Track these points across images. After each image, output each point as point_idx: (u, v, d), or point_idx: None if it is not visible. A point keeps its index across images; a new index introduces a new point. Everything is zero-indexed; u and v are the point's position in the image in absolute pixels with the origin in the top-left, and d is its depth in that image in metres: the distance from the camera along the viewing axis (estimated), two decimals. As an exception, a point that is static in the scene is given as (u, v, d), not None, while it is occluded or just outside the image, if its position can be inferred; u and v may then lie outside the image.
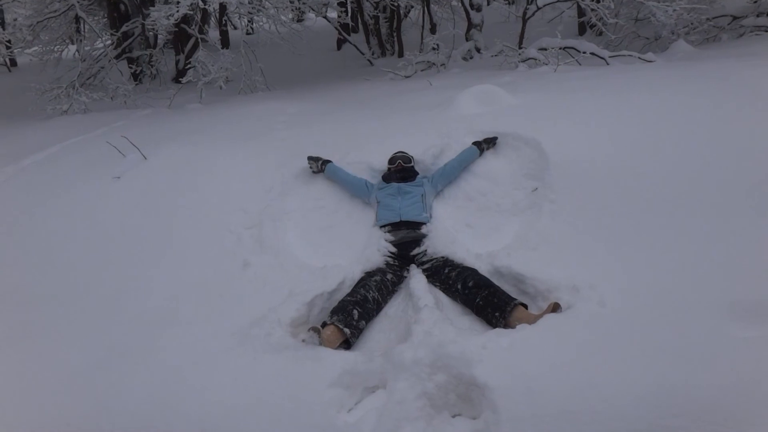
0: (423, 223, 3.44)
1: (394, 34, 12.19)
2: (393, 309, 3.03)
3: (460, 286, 2.90)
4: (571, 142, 3.65)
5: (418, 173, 3.84)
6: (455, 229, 3.45)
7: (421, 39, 11.43)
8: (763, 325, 2.16)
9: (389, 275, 3.13)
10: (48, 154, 5.49)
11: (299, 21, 16.81)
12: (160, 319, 2.90)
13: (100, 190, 4.23)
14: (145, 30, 10.24)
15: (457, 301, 2.96)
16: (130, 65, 10.88)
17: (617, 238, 2.92)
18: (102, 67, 10.16)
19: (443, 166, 3.82)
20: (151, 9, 7.53)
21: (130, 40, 10.74)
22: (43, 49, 10.85)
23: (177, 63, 11.18)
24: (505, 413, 2.02)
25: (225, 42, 14.25)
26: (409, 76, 8.23)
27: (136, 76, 11.04)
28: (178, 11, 7.06)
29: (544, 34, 8.35)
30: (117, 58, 10.38)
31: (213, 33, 14.67)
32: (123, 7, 10.59)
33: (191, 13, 7.93)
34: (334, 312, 2.79)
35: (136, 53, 11.03)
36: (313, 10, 11.86)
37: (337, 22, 12.41)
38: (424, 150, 4.03)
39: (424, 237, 3.37)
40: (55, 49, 11.01)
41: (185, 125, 5.86)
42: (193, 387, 2.38)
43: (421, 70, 8.54)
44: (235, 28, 18.41)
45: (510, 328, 2.51)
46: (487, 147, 3.95)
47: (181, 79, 8.79)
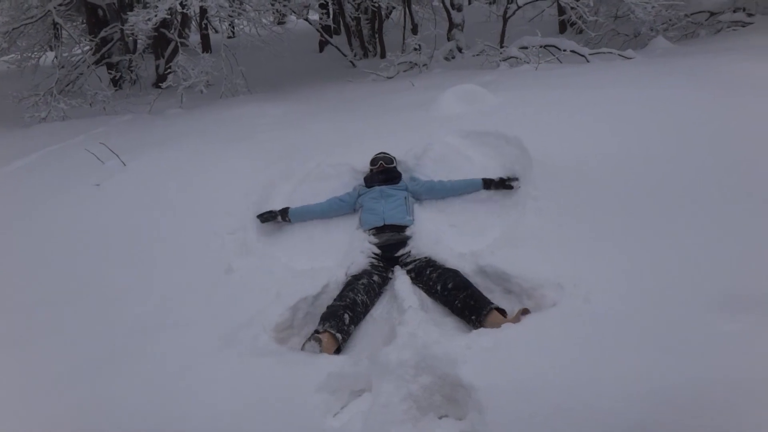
0: (407, 226, 3.44)
1: (376, 35, 12.17)
2: (378, 311, 3.01)
3: (440, 288, 2.90)
4: (553, 139, 3.65)
5: (401, 174, 3.83)
6: (439, 230, 3.44)
7: (403, 40, 11.43)
8: (749, 318, 2.17)
9: (375, 277, 3.12)
10: (27, 162, 5.42)
11: (281, 23, 16.75)
12: (146, 325, 2.88)
13: (81, 198, 4.17)
14: (124, 35, 10.12)
15: (438, 302, 2.96)
16: (110, 71, 10.75)
17: (601, 234, 2.92)
18: (81, 74, 10.03)
19: (433, 182, 3.69)
20: (129, 14, 7.44)
21: (109, 46, 10.62)
22: (21, 56, 10.69)
23: (157, 68, 11.07)
24: (491, 413, 2.02)
25: (206, 46, 14.17)
26: (391, 77, 8.22)
27: (115, 82, 10.92)
28: (156, 16, 6.98)
29: (525, 32, 8.40)
30: (96, 63, 10.26)
31: (194, 37, 14.58)
32: (101, 13, 10.46)
33: (170, 17, 7.85)
34: (326, 318, 2.75)
35: (115, 59, 10.90)
36: (294, 13, 11.81)
37: (319, 24, 12.36)
38: (406, 151, 4.02)
39: (408, 239, 3.36)
40: (33, 55, 10.85)
41: (166, 130, 5.80)
42: (180, 391, 2.37)
43: (404, 71, 8.53)
44: (216, 32, 18.28)
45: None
46: (497, 188, 3.53)
47: (161, 84, 8.70)
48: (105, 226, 3.84)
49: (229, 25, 14.07)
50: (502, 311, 2.68)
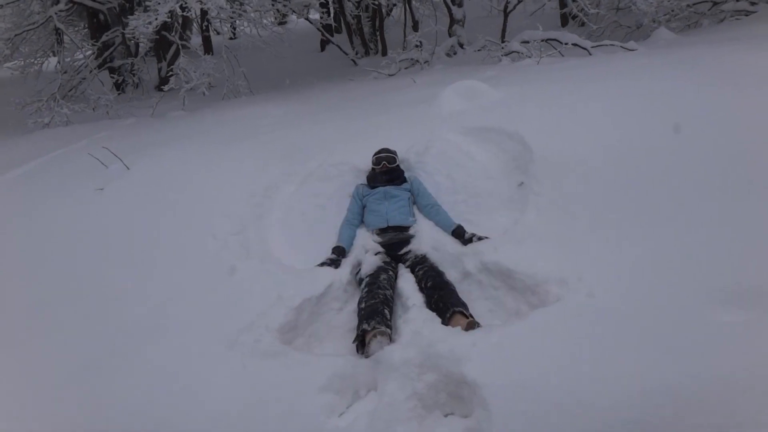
0: (410, 226, 3.48)
1: (377, 33, 12.16)
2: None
3: (423, 285, 3.02)
4: (555, 134, 3.63)
5: (404, 172, 3.81)
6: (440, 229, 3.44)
7: (404, 37, 11.41)
8: (751, 314, 2.14)
9: (390, 272, 3.16)
10: (30, 167, 5.43)
11: (281, 24, 16.74)
12: (148, 327, 2.88)
13: (84, 202, 4.18)
14: (126, 39, 10.15)
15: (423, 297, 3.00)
16: (112, 75, 10.79)
17: (604, 229, 2.90)
18: (83, 78, 10.07)
19: (431, 199, 3.58)
20: (130, 18, 7.45)
21: (111, 50, 10.65)
22: (24, 62, 10.74)
23: (159, 71, 11.09)
24: (497, 410, 2.01)
25: (208, 48, 14.16)
26: (393, 75, 8.21)
27: (118, 86, 10.95)
28: (157, 19, 7.00)
29: (526, 26, 8.37)
30: (98, 68, 10.29)
31: (196, 39, 14.59)
32: (102, 17, 10.49)
33: (170, 20, 7.87)
34: (370, 317, 2.73)
35: (117, 63, 10.94)
36: (294, 12, 11.81)
37: (320, 24, 12.35)
38: (408, 148, 4.01)
39: (411, 237, 3.40)
40: (36, 61, 10.90)
41: (168, 133, 5.81)
42: (183, 394, 2.37)
43: (405, 68, 8.52)
44: (218, 34, 18.30)
45: None
46: (465, 242, 3.24)
47: (163, 87, 8.73)
48: (105, 226, 3.85)
49: (231, 26, 14.09)
50: (466, 314, 2.71)
